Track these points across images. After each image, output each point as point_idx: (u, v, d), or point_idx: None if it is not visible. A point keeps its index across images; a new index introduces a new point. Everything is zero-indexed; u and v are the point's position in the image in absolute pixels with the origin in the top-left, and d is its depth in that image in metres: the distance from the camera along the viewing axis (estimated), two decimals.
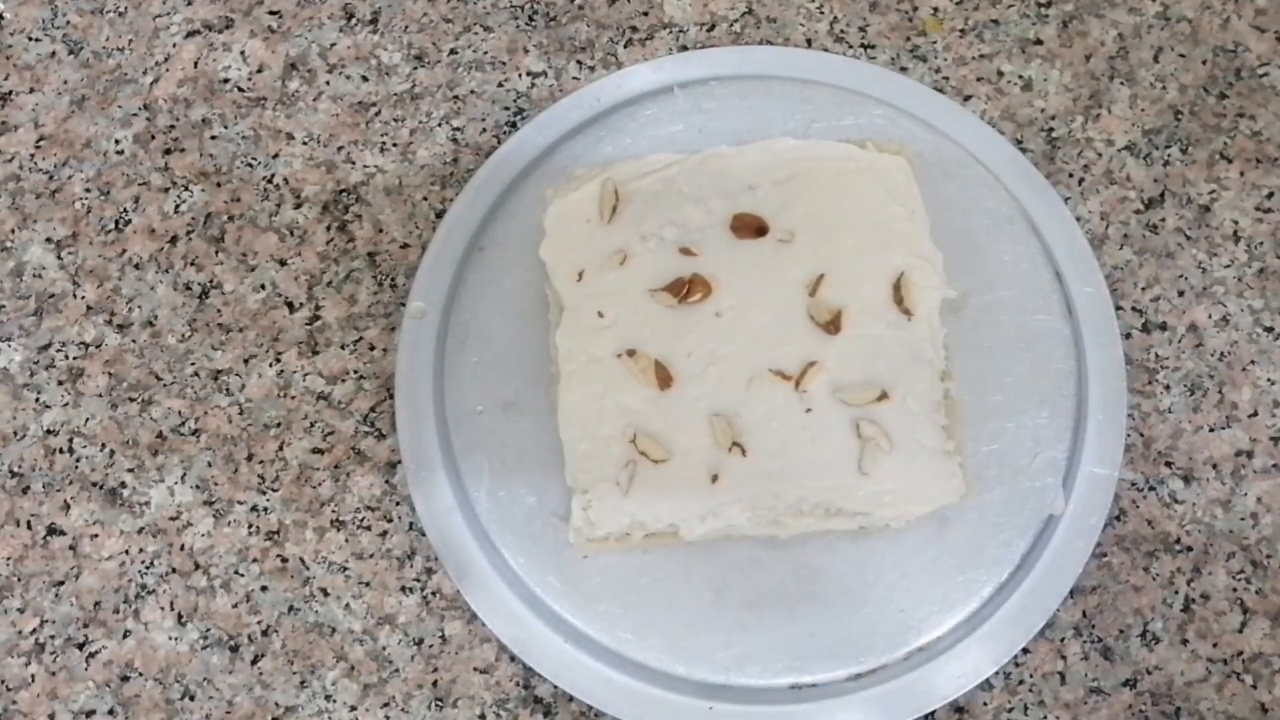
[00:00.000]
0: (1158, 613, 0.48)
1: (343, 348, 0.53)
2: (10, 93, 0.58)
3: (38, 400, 0.53)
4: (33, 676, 0.48)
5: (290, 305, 0.54)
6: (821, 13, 0.58)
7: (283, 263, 0.55)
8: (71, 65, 0.59)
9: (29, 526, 0.51)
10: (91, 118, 0.58)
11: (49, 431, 0.52)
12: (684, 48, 0.58)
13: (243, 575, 0.50)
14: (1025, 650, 0.47)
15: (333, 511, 0.50)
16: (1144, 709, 0.47)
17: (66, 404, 0.52)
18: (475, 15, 0.59)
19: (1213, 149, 0.55)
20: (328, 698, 0.48)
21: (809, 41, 0.58)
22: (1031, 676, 0.47)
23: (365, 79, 0.58)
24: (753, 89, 0.55)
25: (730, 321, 0.49)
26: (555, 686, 0.47)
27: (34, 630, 0.49)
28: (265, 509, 0.50)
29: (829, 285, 0.49)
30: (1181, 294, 0.53)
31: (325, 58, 0.58)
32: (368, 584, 0.49)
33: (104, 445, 0.52)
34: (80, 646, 0.49)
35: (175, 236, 0.55)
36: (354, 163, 0.56)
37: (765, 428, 0.47)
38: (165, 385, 0.53)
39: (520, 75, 0.58)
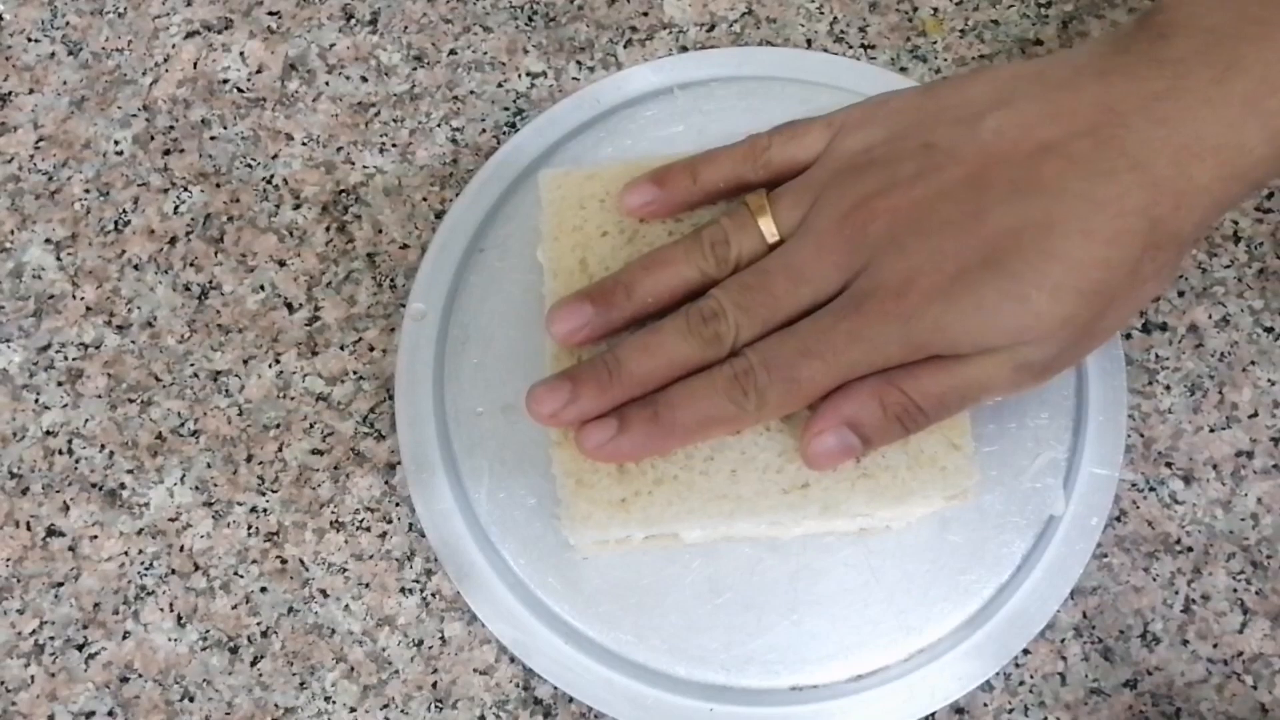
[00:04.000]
0: (1158, 613, 0.48)
1: (342, 349, 0.53)
2: (9, 94, 0.58)
3: (37, 401, 0.52)
4: (32, 678, 0.48)
5: (290, 306, 0.54)
6: (821, 13, 0.58)
7: (282, 263, 0.55)
8: (71, 66, 0.59)
9: (28, 528, 0.51)
10: (91, 118, 0.58)
11: (48, 433, 0.52)
12: (684, 48, 0.58)
13: (242, 576, 0.50)
14: (1025, 651, 0.47)
15: (332, 513, 0.50)
16: (1144, 710, 0.47)
17: (66, 405, 0.52)
18: (475, 16, 0.59)
19: None
20: (327, 699, 0.48)
21: (809, 42, 0.58)
22: (1032, 677, 0.47)
23: (364, 79, 0.58)
24: (753, 90, 0.55)
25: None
26: (555, 688, 0.47)
27: (33, 631, 0.49)
28: (265, 510, 0.50)
29: None
30: (1181, 294, 0.53)
31: (324, 58, 0.58)
32: (367, 585, 0.49)
33: (103, 446, 0.52)
34: (80, 648, 0.49)
35: (174, 237, 0.55)
36: (353, 163, 0.56)
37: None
38: (164, 386, 0.53)
39: (520, 76, 0.58)
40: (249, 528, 0.50)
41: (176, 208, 0.56)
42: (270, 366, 0.53)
